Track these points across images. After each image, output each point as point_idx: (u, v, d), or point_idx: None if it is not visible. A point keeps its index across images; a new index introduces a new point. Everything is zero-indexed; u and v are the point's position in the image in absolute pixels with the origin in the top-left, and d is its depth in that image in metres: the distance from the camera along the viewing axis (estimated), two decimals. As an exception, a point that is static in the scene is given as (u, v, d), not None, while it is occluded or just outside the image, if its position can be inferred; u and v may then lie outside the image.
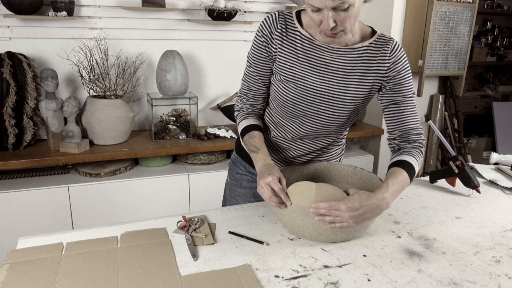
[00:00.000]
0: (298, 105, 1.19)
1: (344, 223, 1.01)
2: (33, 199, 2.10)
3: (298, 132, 1.26)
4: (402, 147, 1.19)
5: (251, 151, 1.21)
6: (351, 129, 2.80)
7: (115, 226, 1.13)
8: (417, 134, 1.19)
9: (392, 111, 1.19)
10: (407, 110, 1.18)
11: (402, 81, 1.16)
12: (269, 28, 1.17)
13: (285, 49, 1.17)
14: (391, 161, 1.17)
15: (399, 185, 1.08)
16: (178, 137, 2.52)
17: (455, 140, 3.25)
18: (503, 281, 0.93)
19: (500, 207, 1.34)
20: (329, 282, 0.91)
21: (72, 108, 2.21)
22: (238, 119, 1.31)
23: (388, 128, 1.23)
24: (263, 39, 1.18)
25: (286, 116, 1.24)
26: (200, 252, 1.02)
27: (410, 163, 1.13)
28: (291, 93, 1.18)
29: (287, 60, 1.17)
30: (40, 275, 0.91)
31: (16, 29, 2.31)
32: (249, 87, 1.27)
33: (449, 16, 2.76)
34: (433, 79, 3.14)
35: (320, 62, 1.15)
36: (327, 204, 1.00)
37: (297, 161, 1.35)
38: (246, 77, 1.27)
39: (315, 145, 1.30)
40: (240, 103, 1.31)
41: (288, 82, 1.18)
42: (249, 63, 1.24)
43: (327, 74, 1.15)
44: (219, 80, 2.84)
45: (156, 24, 2.58)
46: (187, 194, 2.41)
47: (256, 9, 2.78)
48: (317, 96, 1.17)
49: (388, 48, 1.15)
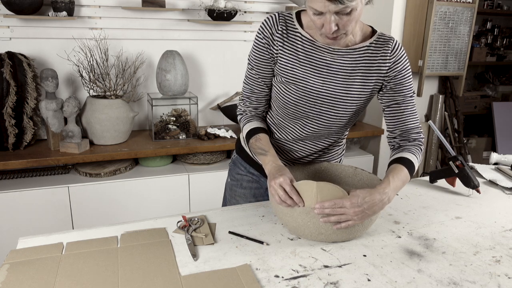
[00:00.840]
0: (300, 107, 1.19)
1: (349, 221, 1.01)
2: (33, 199, 2.10)
3: (300, 134, 1.26)
4: (402, 145, 1.21)
5: (259, 154, 1.20)
6: (351, 129, 2.80)
7: (115, 226, 1.13)
8: (417, 133, 1.21)
9: (392, 111, 1.20)
10: (408, 109, 1.19)
11: (402, 81, 1.17)
12: (270, 29, 1.16)
13: (286, 51, 1.16)
14: (392, 158, 1.18)
15: (400, 181, 1.10)
16: (178, 137, 2.52)
17: (455, 140, 3.25)
18: (503, 281, 0.93)
19: (500, 207, 1.34)
20: (329, 282, 0.91)
21: (72, 108, 2.21)
22: (242, 123, 1.30)
23: (388, 127, 1.24)
24: (264, 41, 1.17)
25: (287, 117, 1.24)
26: (200, 252, 1.03)
27: (410, 160, 1.14)
28: (293, 95, 1.18)
29: (289, 61, 1.16)
30: (40, 275, 0.91)
31: (16, 29, 2.31)
32: (252, 90, 1.26)
33: (449, 16, 2.76)
34: (433, 79, 3.14)
35: (322, 63, 1.15)
36: (332, 202, 1.00)
37: (298, 162, 1.35)
38: (248, 80, 1.26)
39: (317, 146, 1.30)
40: (243, 106, 1.30)
41: (289, 83, 1.17)
42: (251, 66, 1.23)
43: (329, 75, 1.15)
44: (219, 80, 2.84)
45: (156, 24, 2.58)
46: (187, 194, 2.41)
47: (256, 9, 2.78)
48: (319, 97, 1.17)
49: (389, 48, 1.15)
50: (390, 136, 1.24)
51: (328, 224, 1.03)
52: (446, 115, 3.21)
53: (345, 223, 1.02)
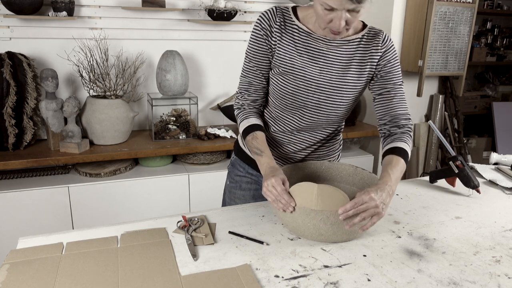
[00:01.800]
0: (298, 97, 1.22)
1: (374, 218, 1.02)
2: (33, 199, 2.10)
3: (298, 124, 1.28)
4: (392, 132, 1.23)
5: (255, 153, 1.21)
6: (351, 129, 2.80)
7: (115, 226, 1.13)
8: (406, 119, 1.24)
9: (383, 98, 1.24)
10: (397, 96, 1.23)
11: (392, 69, 1.22)
12: (268, 22, 1.20)
13: (285, 42, 1.20)
14: (386, 149, 1.21)
15: (399, 171, 1.13)
16: (178, 137, 2.52)
17: (455, 140, 3.25)
18: (503, 281, 0.93)
19: (500, 207, 1.34)
20: (329, 282, 0.91)
21: (72, 108, 2.21)
22: (239, 118, 1.30)
23: (378, 115, 1.27)
24: (262, 32, 1.21)
25: (285, 109, 1.26)
26: (200, 252, 1.03)
27: (404, 149, 1.18)
28: (291, 85, 1.21)
29: (287, 52, 1.20)
30: (40, 275, 0.91)
31: (16, 29, 2.31)
32: (250, 82, 1.27)
33: (449, 16, 2.76)
34: (433, 79, 3.14)
35: (319, 54, 1.19)
36: (352, 203, 1.00)
37: (296, 155, 1.36)
38: (246, 73, 1.27)
39: (314, 138, 1.32)
40: (241, 99, 1.30)
41: (287, 74, 1.20)
42: (249, 58, 1.25)
43: (326, 65, 1.20)
44: (219, 80, 2.84)
45: (156, 24, 2.58)
46: (187, 194, 2.41)
47: (256, 9, 2.78)
48: (317, 87, 1.20)
49: (380, 39, 1.21)
50: (381, 123, 1.27)
51: (328, 225, 1.03)
52: (446, 115, 3.21)
53: (370, 222, 1.02)
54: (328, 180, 1.33)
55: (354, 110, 2.76)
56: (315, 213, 1.02)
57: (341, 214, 1.00)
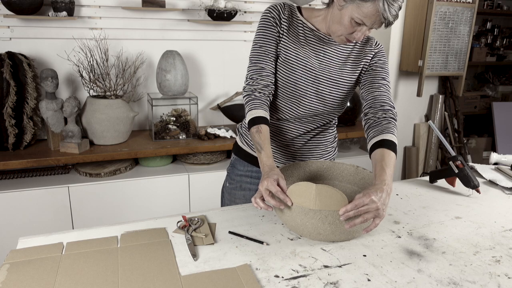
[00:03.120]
0: (299, 85, 1.30)
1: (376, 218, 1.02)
2: (33, 199, 2.10)
3: (296, 112, 1.34)
4: (378, 117, 1.24)
5: (255, 148, 1.22)
6: (351, 129, 2.80)
7: (115, 226, 1.13)
8: (390, 106, 1.26)
9: (369, 86, 1.30)
10: (383, 87, 1.29)
11: (383, 66, 1.32)
12: (278, 12, 1.29)
13: (291, 34, 1.29)
14: (374, 141, 1.20)
15: (393, 167, 1.13)
16: (178, 137, 2.52)
17: (455, 140, 3.25)
18: (503, 281, 0.93)
19: (500, 207, 1.34)
20: (329, 282, 0.91)
21: (72, 108, 2.21)
22: (248, 106, 1.27)
23: (363, 101, 1.31)
24: (273, 20, 1.28)
25: (286, 97, 1.33)
26: (200, 252, 1.03)
27: (393, 141, 1.18)
28: (293, 74, 1.29)
29: (291, 43, 1.29)
30: (40, 275, 0.91)
31: (16, 29, 2.31)
32: (262, 67, 1.28)
33: (449, 16, 2.76)
34: (433, 79, 3.14)
35: (320, 48, 1.30)
36: (353, 204, 1.00)
37: (294, 142, 1.40)
38: (257, 59, 1.29)
39: (311, 125, 1.38)
40: (253, 85, 1.28)
41: (290, 63, 1.29)
42: (259, 45, 1.29)
43: (326, 59, 1.30)
44: (219, 80, 2.84)
45: (156, 24, 2.58)
46: (187, 194, 2.41)
47: (256, 9, 2.78)
48: (316, 77, 1.29)
49: (372, 42, 1.34)
50: (365, 107, 1.29)
51: (326, 224, 1.03)
52: (446, 115, 3.21)
53: (373, 224, 1.03)
54: (329, 179, 1.33)
55: (354, 110, 2.76)
56: (314, 212, 1.02)
57: (341, 214, 1.00)
